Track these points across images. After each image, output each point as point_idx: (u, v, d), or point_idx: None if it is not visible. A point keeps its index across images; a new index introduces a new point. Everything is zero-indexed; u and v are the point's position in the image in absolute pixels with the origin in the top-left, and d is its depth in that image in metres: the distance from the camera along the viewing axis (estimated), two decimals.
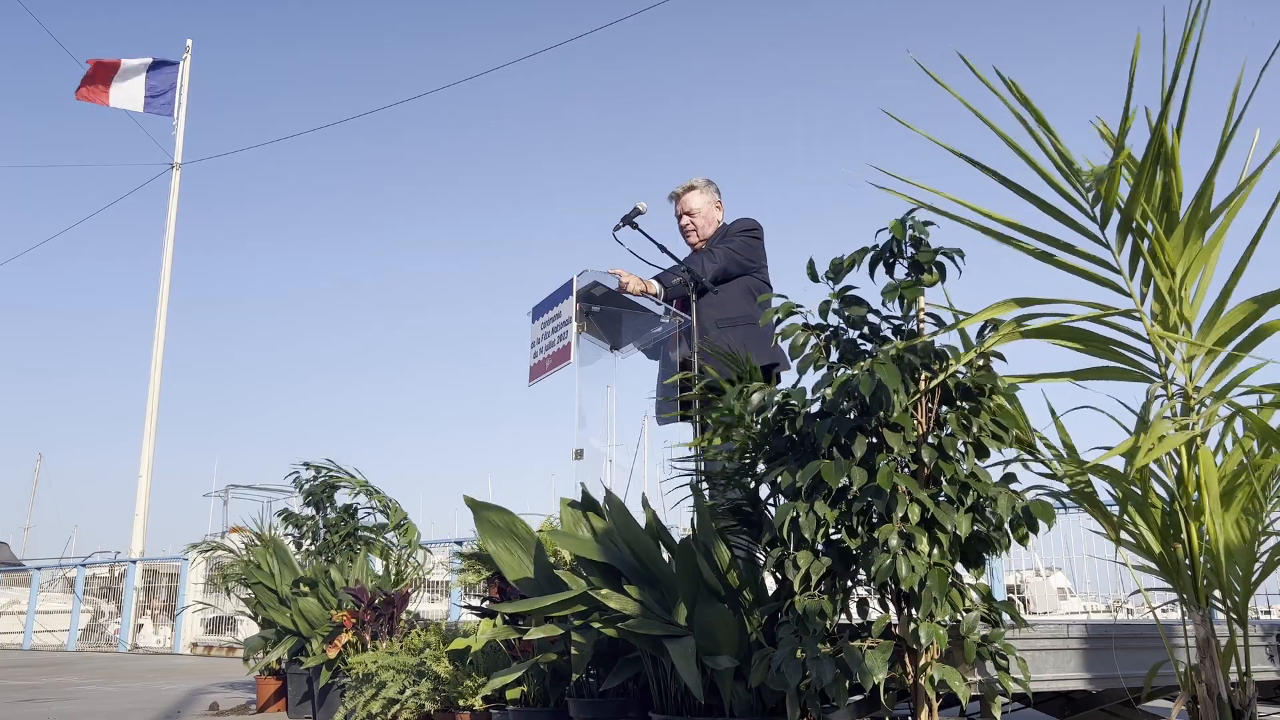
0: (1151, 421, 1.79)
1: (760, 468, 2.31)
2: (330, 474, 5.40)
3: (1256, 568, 1.90)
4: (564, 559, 3.03)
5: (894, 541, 1.84)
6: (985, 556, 2.01)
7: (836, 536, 1.99)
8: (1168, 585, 1.91)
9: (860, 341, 2.12)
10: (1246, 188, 1.73)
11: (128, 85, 18.07)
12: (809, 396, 2.11)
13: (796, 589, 1.97)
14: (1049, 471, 2.05)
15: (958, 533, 1.88)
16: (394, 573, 5.08)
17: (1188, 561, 1.86)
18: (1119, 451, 1.82)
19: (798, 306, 2.15)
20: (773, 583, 2.29)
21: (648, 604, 2.35)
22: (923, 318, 2.08)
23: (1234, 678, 1.81)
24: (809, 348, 2.12)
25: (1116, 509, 2.00)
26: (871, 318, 2.10)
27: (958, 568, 1.98)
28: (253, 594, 5.09)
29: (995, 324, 1.95)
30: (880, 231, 2.07)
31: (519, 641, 3.08)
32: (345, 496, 5.47)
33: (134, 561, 14.56)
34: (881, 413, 1.95)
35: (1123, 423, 1.97)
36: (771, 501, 2.33)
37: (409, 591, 4.65)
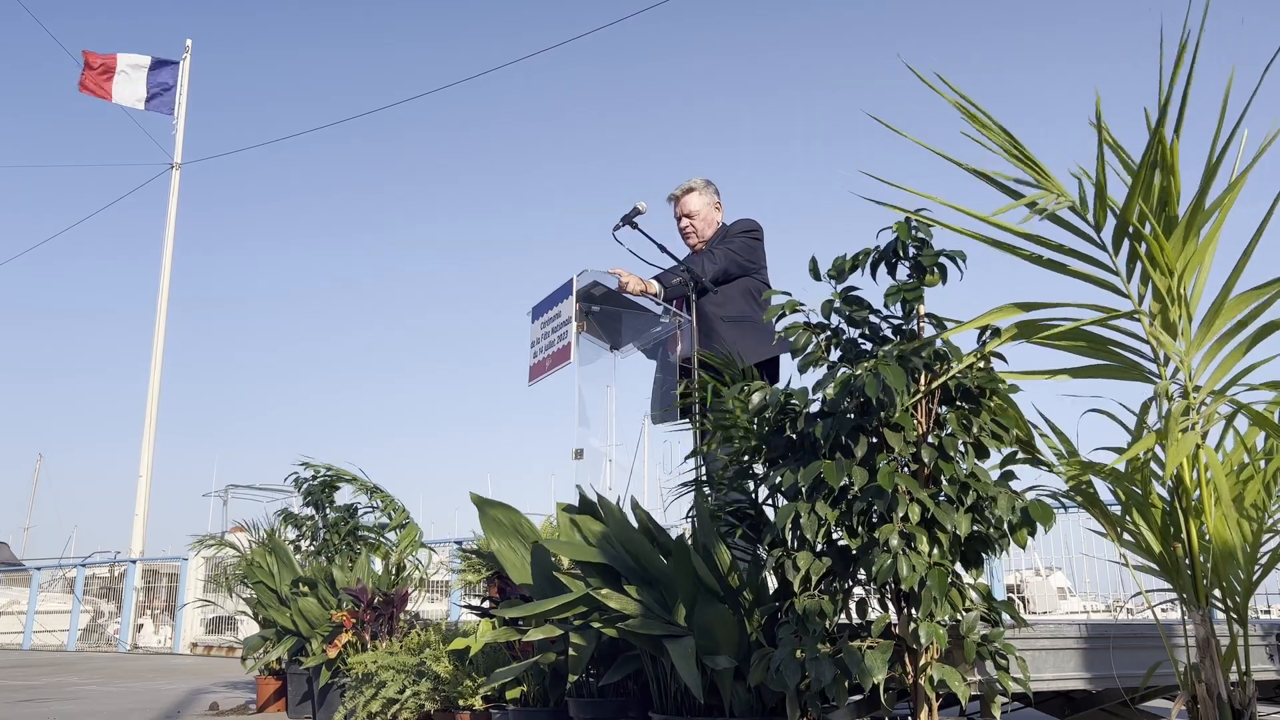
0: (1162, 423, 1.79)
1: (760, 468, 2.31)
2: (331, 474, 5.40)
3: (1256, 567, 1.90)
4: (563, 561, 3.03)
5: (894, 541, 1.84)
6: (985, 556, 2.01)
7: (837, 536, 1.99)
8: (1168, 585, 1.91)
9: (861, 341, 2.12)
10: (1238, 185, 1.73)
11: (129, 83, 18.08)
12: (809, 396, 2.11)
13: (796, 589, 1.97)
14: (1049, 471, 2.05)
15: (958, 533, 1.88)
16: (394, 572, 5.08)
17: (1187, 561, 1.86)
18: (1128, 457, 1.82)
19: (800, 304, 2.15)
20: (773, 583, 2.29)
21: (647, 604, 2.35)
22: (923, 319, 2.08)
23: (1234, 677, 1.81)
24: (811, 346, 2.12)
25: (1117, 508, 2.00)
26: (872, 318, 2.10)
27: (957, 568, 1.98)
28: (253, 594, 5.09)
29: (996, 329, 1.95)
30: (882, 231, 2.07)
31: (519, 641, 3.08)
32: (346, 496, 5.48)
33: (134, 561, 14.56)
34: (882, 413, 1.95)
35: (1123, 422, 1.97)
36: (771, 502, 2.33)
37: (408, 591, 4.65)
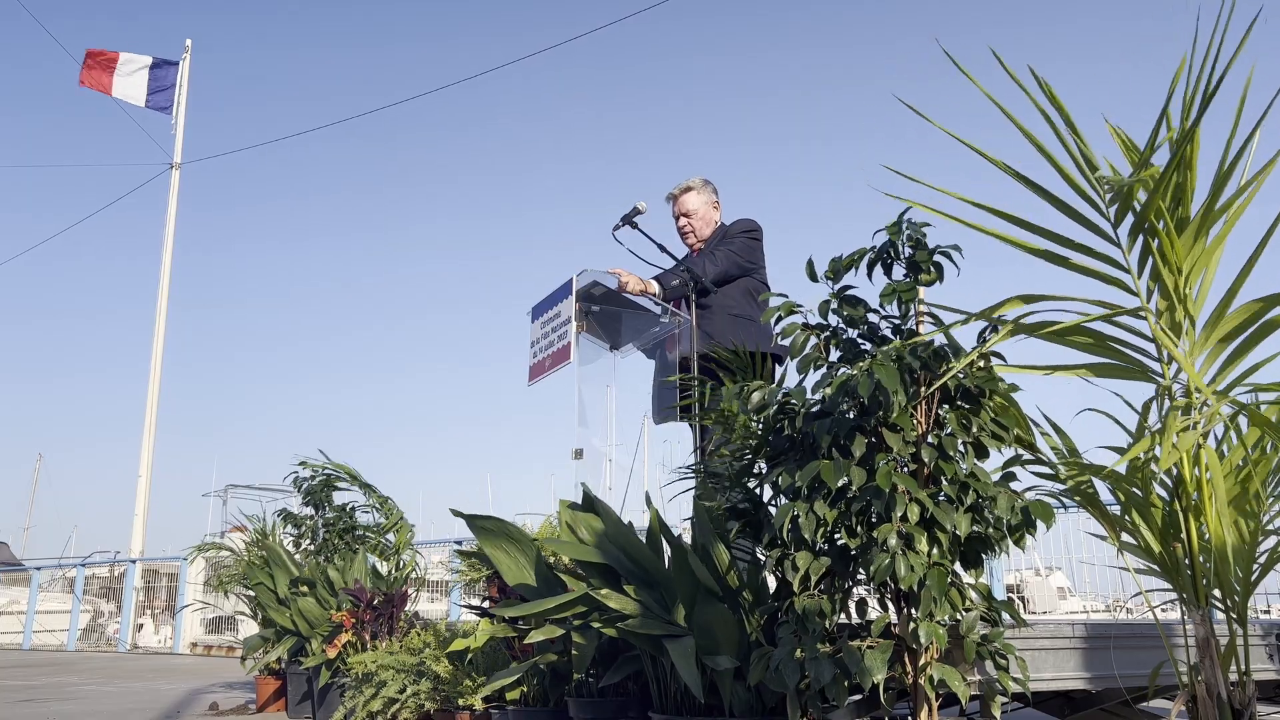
0: (1161, 422, 1.79)
1: (760, 468, 2.31)
2: (326, 470, 5.39)
3: (1256, 567, 1.90)
4: (563, 560, 3.02)
5: (893, 541, 1.83)
6: (984, 556, 2.01)
7: (836, 536, 1.99)
8: (1168, 585, 1.91)
9: (860, 341, 2.12)
10: (1253, 187, 1.72)
11: (129, 80, 18.07)
12: (809, 396, 2.11)
13: (796, 589, 1.97)
14: (1049, 471, 2.05)
15: (957, 532, 1.88)
16: (393, 572, 5.08)
17: (1187, 561, 1.85)
18: (1130, 456, 1.82)
19: (798, 306, 2.15)
20: (773, 583, 2.29)
21: (647, 604, 2.35)
22: (922, 317, 2.08)
23: (1233, 677, 1.81)
24: (809, 347, 2.12)
25: (1116, 508, 1.99)
26: (871, 317, 2.10)
27: (957, 567, 1.98)
28: (253, 594, 5.09)
29: (996, 325, 1.95)
30: (878, 233, 2.07)
31: (518, 641, 3.08)
32: (345, 495, 5.48)
33: (134, 561, 14.56)
34: (881, 413, 1.95)
35: (1123, 422, 1.96)
36: (771, 502, 2.32)
37: (408, 591, 4.64)
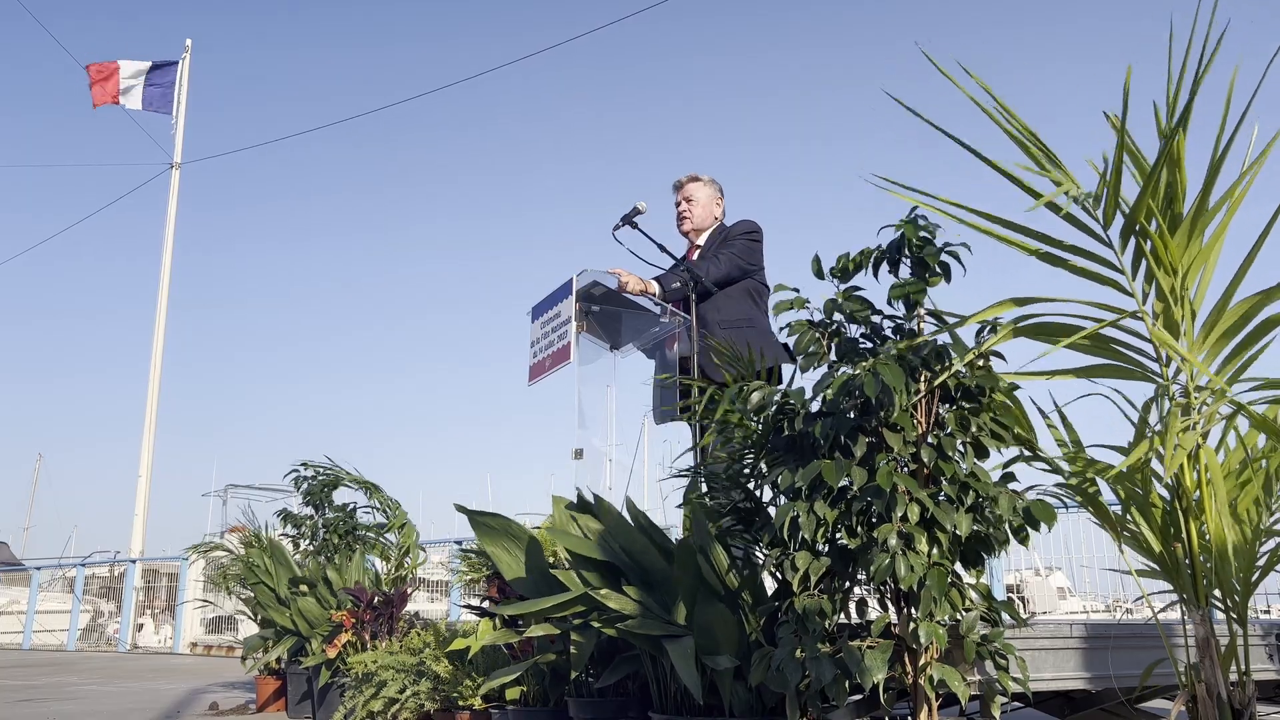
0: (1162, 424, 1.78)
1: (760, 468, 2.31)
2: (329, 472, 5.39)
3: (1256, 567, 1.90)
4: (562, 559, 3.02)
5: (893, 541, 1.83)
6: (984, 556, 2.01)
7: (836, 536, 1.99)
8: (1168, 585, 1.91)
9: (862, 340, 2.12)
10: (1246, 181, 1.72)
11: (130, 84, 18.14)
12: (808, 396, 2.11)
13: (796, 589, 1.97)
14: (1049, 470, 2.05)
15: (957, 532, 1.88)
16: (393, 572, 5.07)
17: (1188, 561, 1.85)
18: (1131, 461, 1.82)
19: (806, 301, 2.14)
20: (772, 583, 2.29)
21: (647, 604, 2.35)
22: (923, 317, 2.08)
23: (1233, 677, 1.81)
24: (813, 345, 2.11)
25: (1117, 508, 1.99)
26: (874, 317, 2.10)
27: (957, 567, 1.98)
28: (253, 594, 5.09)
29: (995, 325, 1.95)
30: (883, 229, 2.06)
31: (518, 641, 3.08)
32: (344, 495, 5.48)
33: (134, 561, 14.56)
34: (882, 413, 1.95)
35: (1122, 422, 1.96)
36: (771, 502, 2.32)
37: (408, 591, 4.64)
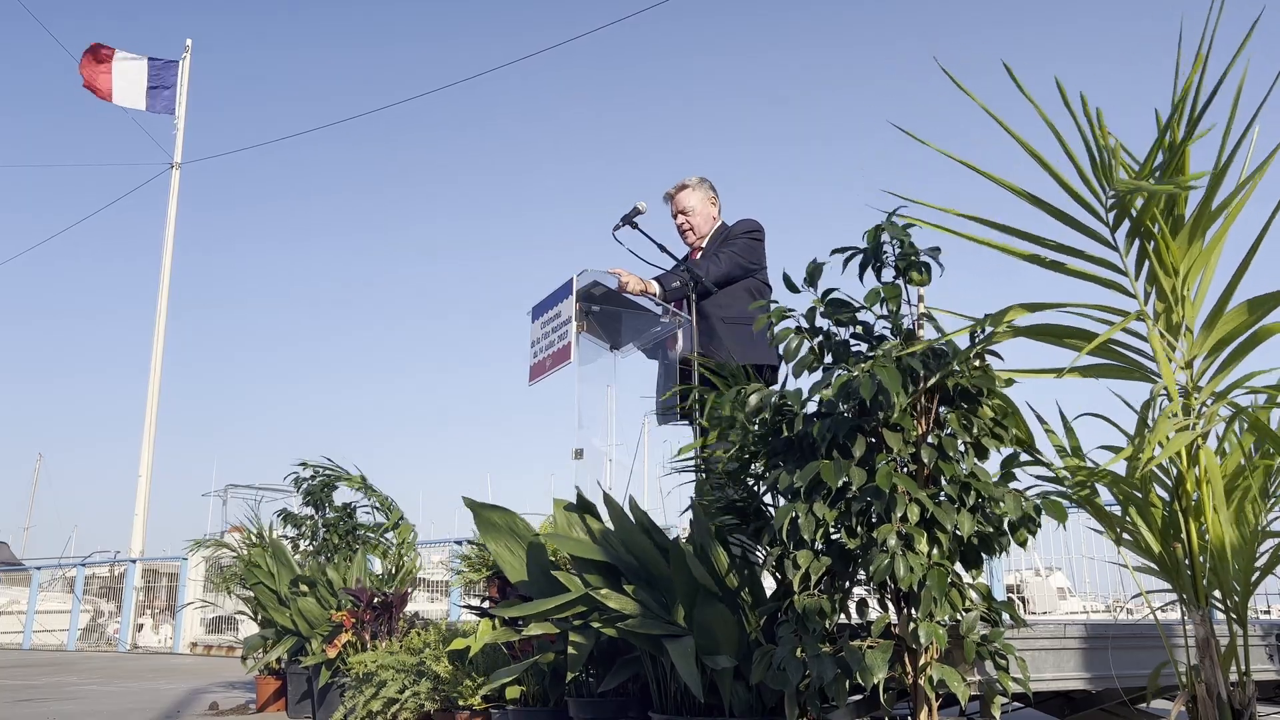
0: (1154, 423, 1.79)
1: (759, 468, 2.31)
2: (328, 472, 5.40)
3: (1256, 568, 1.90)
4: (564, 559, 3.02)
5: (893, 541, 1.84)
6: (984, 557, 2.01)
7: (836, 536, 1.99)
8: (1168, 585, 1.91)
9: (853, 342, 2.12)
10: (1248, 187, 1.72)
11: (129, 81, 18.05)
12: (805, 397, 2.11)
13: (796, 589, 1.97)
14: (1049, 472, 2.05)
15: (959, 533, 1.88)
16: (392, 572, 5.08)
17: (1187, 561, 1.86)
18: (1124, 456, 1.82)
19: (789, 310, 2.15)
20: (772, 583, 2.29)
21: (647, 604, 2.35)
22: (921, 318, 2.08)
23: (1233, 677, 1.81)
24: (803, 351, 2.12)
25: (1117, 509, 1.99)
26: (867, 317, 2.10)
27: (957, 568, 1.98)
28: (253, 594, 5.09)
29: (995, 327, 1.95)
30: (866, 233, 2.07)
31: (518, 641, 3.08)
32: (345, 495, 5.48)
33: (134, 561, 14.56)
34: (881, 414, 1.95)
35: (1122, 423, 1.97)
36: (770, 502, 2.33)
37: (407, 591, 4.65)
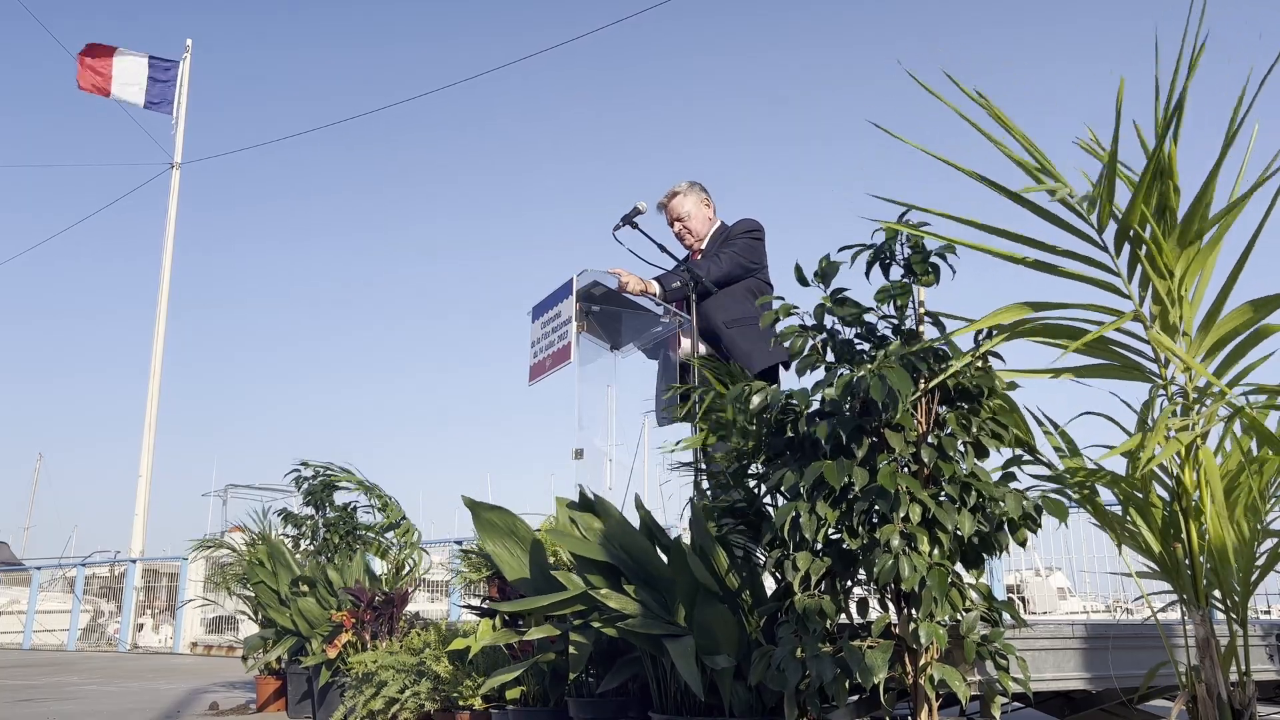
0: (1153, 423, 1.79)
1: (759, 468, 2.31)
2: (329, 473, 5.40)
3: (1256, 568, 1.90)
4: (563, 560, 3.03)
5: (895, 542, 1.84)
6: (985, 557, 2.01)
7: (836, 536, 1.99)
8: (1168, 585, 1.91)
9: (857, 341, 2.12)
10: (1241, 203, 1.73)
11: (128, 78, 18.03)
12: (809, 397, 2.11)
13: (796, 589, 1.97)
14: (1049, 471, 2.05)
15: (959, 532, 1.88)
16: (393, 572, 5.08)
17: (1187, 561, 1.86)
18: (1121, 450, 1.82)
19: (794, 307, 2.15)
20: (772, 583, 2.29)
21: (647, 603, 2.35)
22: (923, 318, 2.08)
23: (1234, 677, 1.81)
24: (807, 349, 2.12)
25: (1117, 509, 1.99)
26: (870, 317, 2.10)
27: (958, 568, 1.98)
28: (253, 594, 5.09)
29: (995, 327, 1.95)
30: (876, 231, 2.07)
31: (518, 641, 3.08)
32: (345, 495, 5.48)
33: (134, 561, 14.57)
34: (884, 414, 1.95)
35: (1122, 423, 1.97)
36: (771, 502, 2.33)
37: (408, 591, 4.65)
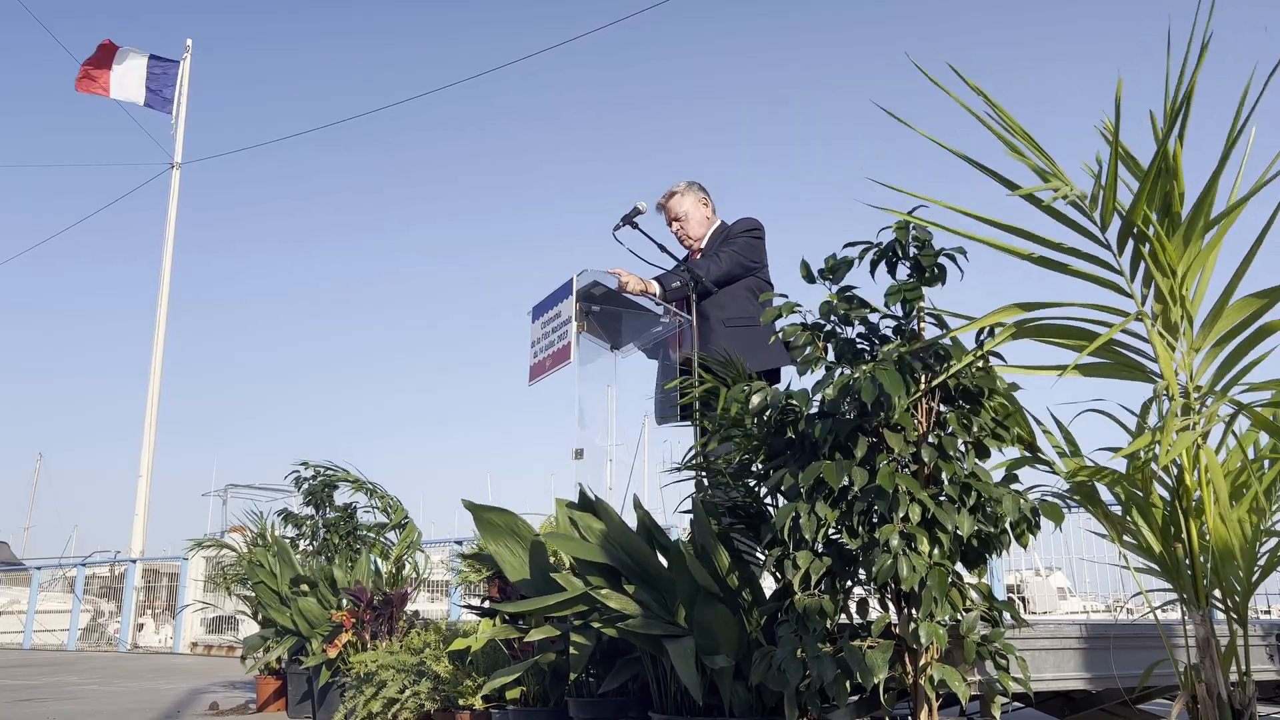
0: (1160, 422, 1.79)
1: (759, 467, 2.31)
2: (329, 473, 5.40)
3: (1256, 568, 1.90)
4: (564, 560, 3.03)
5: (895, 542, 1.84)
6: (985, 557, 2.01)
7: (836, 536, 1.99)
8: (1168, 585, 1.91)
9: (859, 341, 2.12)
10: (1242, 203, 1.73)
11: (127, 77, 18.02)
12: (810, 398, 2.11)
13: (796, 588, 1.97)
14: (1050, 470, 2.05)
15: (959, 532, 1.88)
16: (393, 572, 5.08)
17: (1188, 561, 1.86)
18: (1127, 452, 1.82)
19: (797, 305, 2.15)
20: (772, 583, 2.29)
21: (647, 604, 2.35)
22: (923, 318, 2.08)
23: (1234, 677, 1.81)
24: (809, 348, 2.11)
25: (1117, 509, 1.99)
26: (871, 317, 2.10)
27: (958, 568, 1.98)
28: (254, 593, 5.09)
29: (995, 328, 1.95)
30: (883, 230, 2.06)
31: (519, 641, 3.08)
32: (345, 496, 5.48)
33: (134, 561, 14.57)
34: (883, 414, 1.95)
35: (1123, 423, 1.97)
36: (771, 502, 2.33)
37: (408, 591, 4.65)
